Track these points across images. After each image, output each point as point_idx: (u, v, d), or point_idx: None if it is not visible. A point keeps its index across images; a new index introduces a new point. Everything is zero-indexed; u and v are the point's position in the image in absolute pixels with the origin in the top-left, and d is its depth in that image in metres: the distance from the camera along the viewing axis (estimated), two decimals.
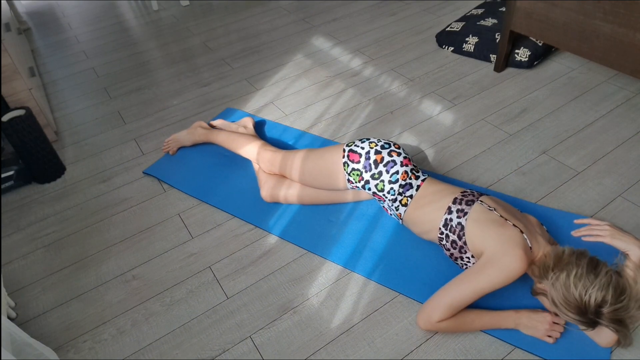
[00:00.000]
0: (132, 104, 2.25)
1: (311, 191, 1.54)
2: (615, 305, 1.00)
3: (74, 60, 2.69)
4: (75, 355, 1.26)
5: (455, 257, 1.25)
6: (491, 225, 1.17)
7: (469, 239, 1.19)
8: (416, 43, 2.47)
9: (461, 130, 1.87)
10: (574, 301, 1.03)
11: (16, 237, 1.62)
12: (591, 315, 1.02)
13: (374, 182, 1.36)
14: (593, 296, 1.01)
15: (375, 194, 1.39)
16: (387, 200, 1.38)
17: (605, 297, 1.00)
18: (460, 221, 1.21)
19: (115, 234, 1.59)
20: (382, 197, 1.38)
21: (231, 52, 2.59)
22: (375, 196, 1.40)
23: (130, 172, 1.84)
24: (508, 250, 1.11)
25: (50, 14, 3.34)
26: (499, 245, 1.13)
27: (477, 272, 1.13)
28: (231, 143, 1.71)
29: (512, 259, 1.10)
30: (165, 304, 1.36)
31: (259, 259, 1.45)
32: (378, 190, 1.37)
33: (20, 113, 1.71)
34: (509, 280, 1.11)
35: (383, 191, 1.36)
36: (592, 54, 1.78)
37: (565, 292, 1.04)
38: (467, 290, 1.13)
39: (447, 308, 1.13)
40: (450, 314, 1.14)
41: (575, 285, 1.03)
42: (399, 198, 1.35)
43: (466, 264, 1.24)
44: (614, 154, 1.68)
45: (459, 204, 1.24)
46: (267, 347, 1.23)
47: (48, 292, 1.43)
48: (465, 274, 1.15)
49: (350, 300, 1.31)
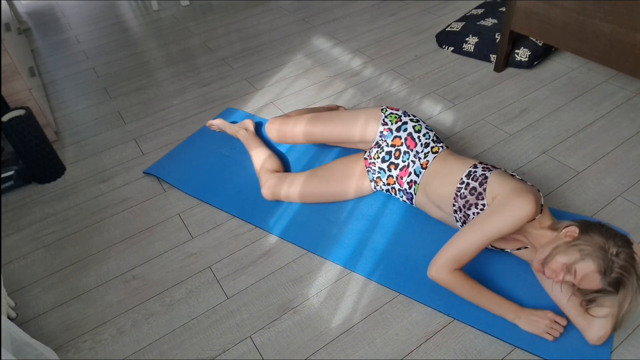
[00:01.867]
0: (132, 104, 2.25)
1: (313, 188, 1.53)
2: (632, 254, 1.05)
3: (74, 60, 2.69)
4: (75, 355, 1.26)
5: (470, 204, 1.25)
6: (512, 179, 1.22)
7: (489, 186, 1.22)
8: (416, 43, 2.47)
9: (461, 130, 1.87)
10: (598, 242, 1.06)
11: (16, 237, 1.62)
12: (612, 253, 1.04)
13: (412, 123, 1.44)
14: (614, 242, 1.06)
15: (408, 138, 1.42)
16: (418, 145, 1.41)
17: (627, 245, 1.07)
18: (484, 173, 1.26)
19: (115, 234, 1.59)
20: (413, 142, 1.41)
21: (231, 52, 2.59)
22: (407, 141, 1.42)
23: (130, 172, 1.84)
24: (521, 194, 1.14)
25: (50, 14, 3.34)
26: (514, 190, 1.16)
27: (487, 215, 1.17)
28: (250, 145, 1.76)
29: (524, 201, 1.12)
30: (165, 304, 1.36)
31: (259, 259, 1.45)
32: (415, 130, 1.42)
33: (20, 113, 1.71)
34: (516, 223, 1.13)
35: (419, 132, 1.42)
36: (592, 54, 1.78)
37: (589, 238, 1.08)
38: (476, 234, 1.17)
39: (456, 253, 1.18)
40: (458, 261, 1.18)
41: (599, 232, 1.09)
42: (432, 145, 1.41)
43: (478, 212, 1.25)
44: (614, 154, 1.68)
45: (484, 164, 1.31)
46: (267, 347, 1.23)
47: (48, 292, 1.43)
48: (476, 219, 1.19)
49: (350, 300, 1.31)
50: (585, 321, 1.14)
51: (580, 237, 1.09)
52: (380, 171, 1.47)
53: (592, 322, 1.12)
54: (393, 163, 1.44)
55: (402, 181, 1.43)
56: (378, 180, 1.49)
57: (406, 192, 1.44)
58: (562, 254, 1.09)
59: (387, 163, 1.45)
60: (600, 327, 1.11)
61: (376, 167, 1.48)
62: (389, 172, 1.45)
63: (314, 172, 1.55)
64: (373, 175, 1.50)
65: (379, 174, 1.48)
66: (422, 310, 1.27)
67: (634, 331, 1.18)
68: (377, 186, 1.51)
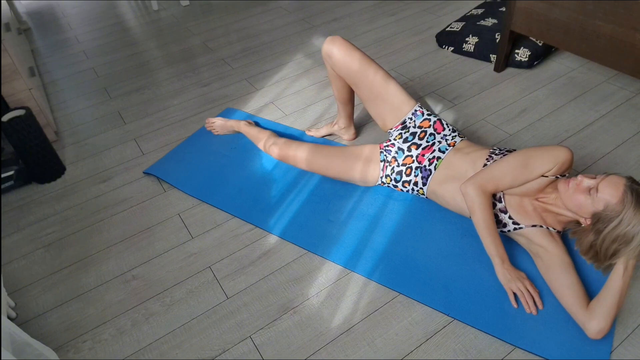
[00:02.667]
0: (132, 104, 2.25)
1: (321, 157, 1.57)
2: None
3: (74, 60, 2.70)
4: (75, 355, 1.26)
5: (503, 154, 1.35)
6: None
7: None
8: (416, 43, 2.47)
9: (461, 130, 1.87)
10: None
11: (16, 237, 1.62)
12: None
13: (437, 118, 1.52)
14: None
15: (437, 122, 1.50)
16: (446, 129, 1.49)
17: None
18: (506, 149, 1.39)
19: (115, 234, 1.59)
20: (441, 127, 1.49)
21: (231, 52, 2.59)
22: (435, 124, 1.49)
23: (130, 172, 1.84)
24: (557, 146, 1.25)
25: (50, 14, 3.35)
26: (549, 145, 1.28)
27: (527, 150, 1.28)
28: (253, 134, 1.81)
29: (561, 148, 1.24)
30: (165, 304, 1.36)
31: (259, 259, 1.45)
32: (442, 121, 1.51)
33: (20, 113, 1.71)
34: (553, 162, 1.23)
35: (446, 124, 1.51)
36: (592, 54, 1.78)
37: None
38: (515, 161, 1.27)
39: (494, 175, 1.28)
40: (493, 184, 1.28)
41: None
42: (457, 133, 1.49)
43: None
44: (614, 154, 1.68)
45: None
46: (267, 347, 1.23)
47: (48, 292, 1.43)
48: (515, 152, 1.30)
49: (350, 300, 1.31)
50: (586, 314, 1.14)
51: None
52: (398, 151, 1.50)
53: (592, 315, 1.12)
54: (415, 144, 1.47)
55: (424, 158, 1.45)
56: (392, 161, 1.51)
57: (425, 169, 1.45)
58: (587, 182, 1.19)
59: (409, 143, 1.48)
60: (600, 320, 1.11)
61: (395, 147, 1.51)
62: (409, 153, 1.48)
63: (325, 145, 1.61)
64: (388, 156, 1.52)
65: (396, 154, 1.50)
66: (422, 310, 1.27)
67: (634, 331, 1.18)
68: (385, 169, 1.52)
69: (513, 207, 1.32)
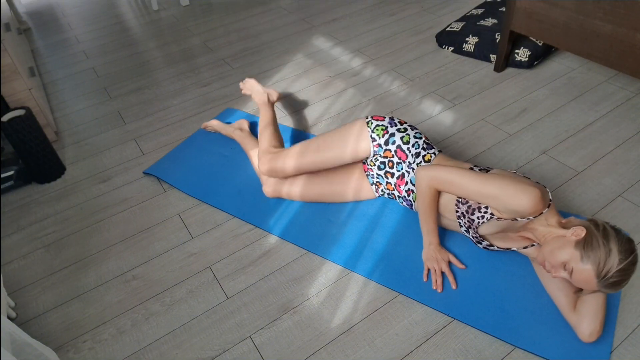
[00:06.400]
0: (132, 104, 2.25)
1: (314, 187, 1.54)
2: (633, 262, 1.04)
3: (74, 60, 2.69)
4: (75, 355, 1.26)
5: (473, 208, 1.24)
6: (513, 177, 1.19)
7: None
8: (416, 43, 2.47)
9: (461, 130, 1.87)
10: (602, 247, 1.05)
11: (16, 237, 1.62)
12: (612, 262, 1.03)
13: (399, 134, 1.40)
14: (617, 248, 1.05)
15: (398, 150, 1.39)
16: (409, 156, 1.38)
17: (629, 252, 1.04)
18: (485, 167, 1.32)
19: (115, 234, 1.59)
20: (404, 154, 1.38)
21: (231, 52, 2.59)
22: (397, 153, 1.39)
23: (130, 172, 1.84)
24: (531, 185, 1.14)
25: (50, 14, 3.34)
26: (519, 183, 1.14)
27: (494, 182, 1.17)
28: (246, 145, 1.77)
29: (533, 189, 1.12)
30: (165, 304, 1.36)
31: (259, 259, 1.45)
32: (403, 142, 1.39)
33: (20, 113, 1.71)
34: (513, 206, 1.13)
35: (408, 144, 1.38)
36: (592, 54, 1.78)
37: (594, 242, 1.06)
38: (474, 185, 1.20)
39: (449, 179, 1.24)
40: (443, 186, 1.26)
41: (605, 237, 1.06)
42: (423, 153, 1.38)
43: (483, 215, 1.22)
44: (614, 154, 1.68)
45: (481, 167, 1.32)
46: (267, 347, 1.23)
47: (48, 292, 1.43)
48: (487, 177, 1.20)
49: (350, 300, 1.31)
50: (576, 317, 1.14)
51: (586, 240, 1.07)
52: (378, 177, 1.48)
53: (583, 319, 1.13)
54: (389, 172, 1.44)
55: (401, 189, 1.43)
56: (378, 184, 1.50)
57: (405, 199, 1.44)
58: (565, 252, 1.08)
59: (383, 171, 1.45)
60: (589, 323, 1.12)
61: (374, 173, 1.48)
62: (387, 179, 1.46)
63: (316, 174, 1.55)
64: (372, 179, 1.51)
65: (378, 179, 1.49)
66: (422, 310, 1.27)
67: (634, 331, 1.18)
68: (378, 189, 1.52)
69: (497, 239, 1.30)
